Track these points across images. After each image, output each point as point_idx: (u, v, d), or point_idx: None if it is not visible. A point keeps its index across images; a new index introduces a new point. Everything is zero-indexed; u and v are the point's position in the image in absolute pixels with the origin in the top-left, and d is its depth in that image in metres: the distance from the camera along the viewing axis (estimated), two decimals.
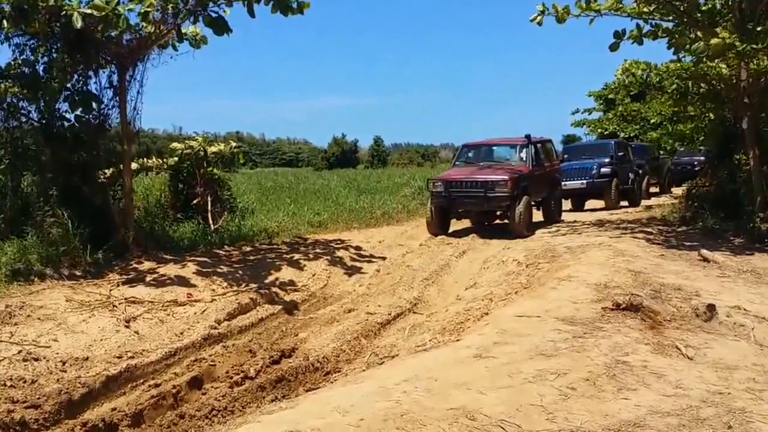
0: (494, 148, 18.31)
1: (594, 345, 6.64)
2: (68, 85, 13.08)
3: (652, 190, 29.51)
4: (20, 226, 12.19)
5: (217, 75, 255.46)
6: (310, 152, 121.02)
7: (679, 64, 16.42)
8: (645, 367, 6.08)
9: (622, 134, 36.63)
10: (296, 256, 14.64)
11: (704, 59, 13.68)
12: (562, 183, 22.52)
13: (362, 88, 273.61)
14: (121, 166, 13.72)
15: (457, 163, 18.35)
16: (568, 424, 4.84)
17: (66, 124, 13.44)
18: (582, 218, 19.41)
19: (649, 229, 15.39)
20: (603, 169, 23.02)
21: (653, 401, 5.30)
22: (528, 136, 17.53)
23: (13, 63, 12.91)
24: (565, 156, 25.08)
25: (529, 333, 7.09)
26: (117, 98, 13.58)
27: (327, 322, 10.79)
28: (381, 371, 6.72)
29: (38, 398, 7.40)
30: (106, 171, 13.78)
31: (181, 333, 9.98)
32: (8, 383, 7.80)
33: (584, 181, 22.96)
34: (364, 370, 7.77)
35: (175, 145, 16.82)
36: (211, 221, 16.01)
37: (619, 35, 13.31)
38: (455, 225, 17.74)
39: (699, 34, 12.90)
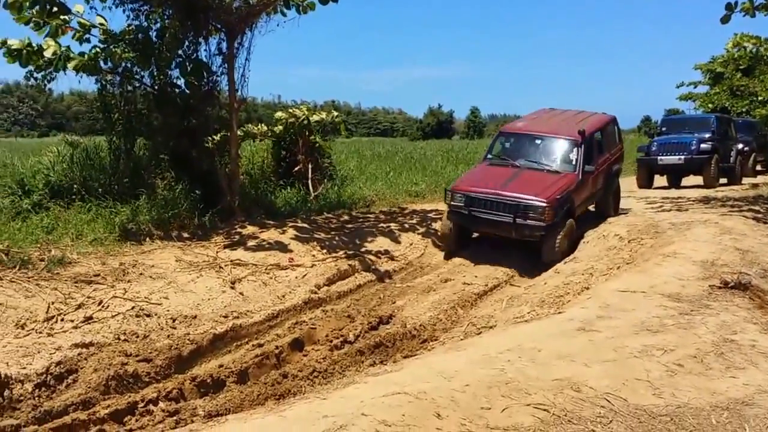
0: (538, 141, 13.71)
1: (701, 322, 6.55)
2: (179, 52, 13.55)
3: (759, 168, 28.28)
4: (133, 188, 12.80)
5: (314, 45, 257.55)
6: (405, 122, 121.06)
7: None
8: (753, 346, 5.97)
9: (733, 110, 35.22)
10: (393, 225, 14.78)
11: None
12: (658, 158, 21.84)
13: (459, 58, 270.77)
14: (228, 132, 14.13)
15: (489, 156, 14.18)
16: (675, 400, 4.82)
17: (177, 90, 13.98)
18: (686, 195, 18.85)
19: (757, 208, 14.84)
20: (703, 145, 21.94)
21: (762, 381, 5.22)
22: (582, 132, 13.21)
23: (127, 28, 13.39)
24: (663, 129, 24.25)
25: (634, 308, 7.03)
26: (225, 65, 13.97)
27: (424, 291, 10.91)
28: (483, 340, 6.79)
29: (150, 353, 7.79)
30: (214, 137, 14.23)
31: (283, 296, 10.31)
32: (122, 337, 8.25)
33: (682, 157, 21.98)
34: (461, 339, 7.86)
35: (279, 114, 17.15)
36: (311, 188, 16.32)
37: (731, 7, 12.76)
38: None
39: None
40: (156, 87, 13.84)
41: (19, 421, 6.32)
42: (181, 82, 13.99)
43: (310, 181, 16.46)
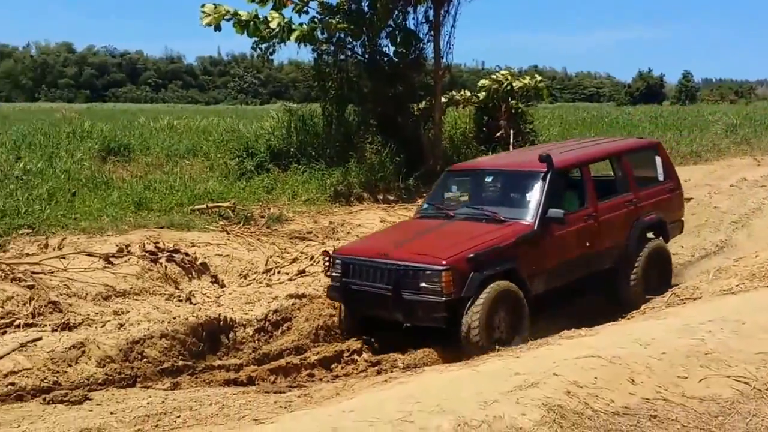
0: (488, 179, 9.38)
1: None
2: (389, 22, 14.16)
3: None
4: (344, 152, 13.66)
5: (517, 8, 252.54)
6: (613, 87, 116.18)
7: None
8: None
9: None
10: None
11: None
12: None
13: (671, 18, 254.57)
14: (432, 99, 14.58)
15: (425, 207, 9.19)
16: None
17: (385, 58, 14.69)
18: None
19: None
20: None
21: None
22: (546, 159, 8.06)
23: (341, 0, 14.14)
24: None
25: None
26: (432, 34, 14.43)
27: None
28: (684, 310, 6.67)
29: None
30: (419, 104, 14.75)
31: None
32: None
33: None
34: (663, 309, 7.76)
35: (483, 81, 17.33)
36: None
37: None
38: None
39: None
40: (366, 56, 14.65)
41: (242, 361, 7.09)
42: (389, 50, 14.74)
43: (511, 147, 16.54)
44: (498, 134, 16.78)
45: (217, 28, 12.98)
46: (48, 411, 5.27)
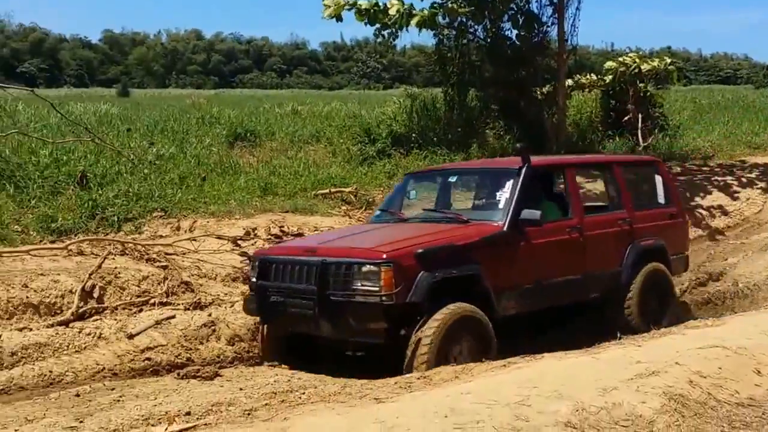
0: (451, 180, 8.13)
1: None
2: (511, 5, 14.01)
3: None
4: (465, 137, 13.67)
5: None
6: (751, 69, 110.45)
7: None
8: None
9: None
10: (729, 179, 13.88)
11: None
12: None
13: None
14: (556, 83, 14.33)
15: (377, 214, 8.09)
16: None
17: (508, 42, 14.57)
18: None
19: None
20: None
21: None
22: (523, 152, 7.20)
23: None
24: None
25: None
26: (555, 16, 14.18)
27: (760, 249, 10.18)
28: None
29: None
30: (543, 88, 14.52)
31: None
32: None
33: None
34: None
35: (609, 63, 16.92)
36: (640, 139, 15.92)
37: None
38: None
39: None
40: (488, 39, 14.58)
41: None
42: (512, 34, 14.62)
43: (639, 132, 16.05)
44: (626, 118, 16.32)
45: (338, 18, 13.29)
46: (182, 385, 5.68)
